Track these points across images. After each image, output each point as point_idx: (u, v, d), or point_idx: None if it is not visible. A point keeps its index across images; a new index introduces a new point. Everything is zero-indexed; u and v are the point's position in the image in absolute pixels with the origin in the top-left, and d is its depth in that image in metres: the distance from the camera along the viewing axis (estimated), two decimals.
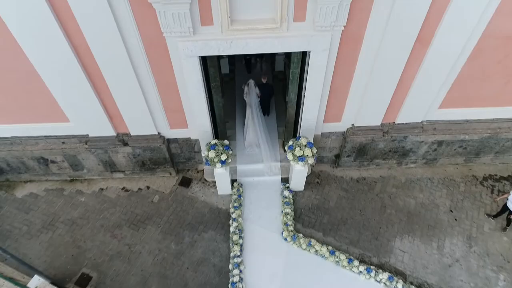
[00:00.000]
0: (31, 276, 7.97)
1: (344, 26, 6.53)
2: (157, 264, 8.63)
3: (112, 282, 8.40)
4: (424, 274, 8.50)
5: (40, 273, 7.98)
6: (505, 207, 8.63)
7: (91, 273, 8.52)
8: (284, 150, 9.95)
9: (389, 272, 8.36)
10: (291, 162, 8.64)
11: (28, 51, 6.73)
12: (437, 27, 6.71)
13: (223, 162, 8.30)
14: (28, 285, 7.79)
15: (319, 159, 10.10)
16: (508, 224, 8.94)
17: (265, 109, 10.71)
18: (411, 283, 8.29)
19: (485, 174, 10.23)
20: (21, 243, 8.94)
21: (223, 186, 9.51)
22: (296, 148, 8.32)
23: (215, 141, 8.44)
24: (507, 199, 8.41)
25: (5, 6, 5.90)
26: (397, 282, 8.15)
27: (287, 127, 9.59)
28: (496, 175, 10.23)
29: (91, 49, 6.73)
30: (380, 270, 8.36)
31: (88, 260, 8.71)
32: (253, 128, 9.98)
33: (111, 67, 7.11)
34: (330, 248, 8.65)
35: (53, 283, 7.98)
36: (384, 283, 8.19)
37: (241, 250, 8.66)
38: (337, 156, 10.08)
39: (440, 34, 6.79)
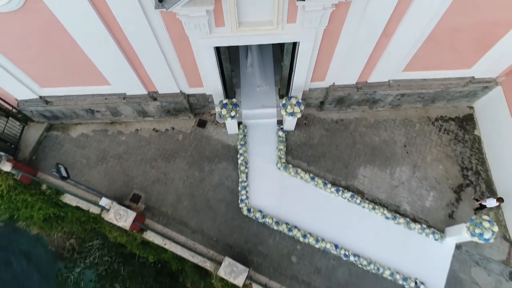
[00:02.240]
0: (98, 197, 11.37)
1: (326, 26, 8.53)
2: (186, 187, 11.98)
3: (156, 199, 11.86)
4: (377, 192, 11.93)
5: (105, 195, 11.33)
6: (482, 206, 11.03)
7: (140, 193, 11.92)
8: (280, 97, 12.52)
9: (352, 192, 11.76)
10: (284, 116, 11.26)
11: (83, 46, 8.86)
12: (398, 24, 8.71)
13: (232, 117, 10.94)
14: (99, 203, 11.21)
15: (307, 105, 12.65)
16: (478, 210, 11.35)
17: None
18: (367, 199, 11.76)
19: (437, 116, 12.95)
20: (84, 173, 12.12)
21: (232, 128, 12.30)
22: (288, 107, 10.88)
23: (226, 100, 10.93)
24: (486, 201, 10.74)
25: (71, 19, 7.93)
26: (356, 199, 11.60)
27: (282, 81, 11.92)
28: (446, 116, 12.96)
29: (130, 42, 8.83)
30: (346, 190, 11.74)
31: (136, 184, 12.03)
32: (253, 57, 12.31)
33: (145, 50, 9.25)
34: (311, 175, 11.89)
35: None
36: (348, 199, 11.64)
37: (246, 177, 11.90)
38: (322, 103, 12.62)
39: (401, 29, 8.81)
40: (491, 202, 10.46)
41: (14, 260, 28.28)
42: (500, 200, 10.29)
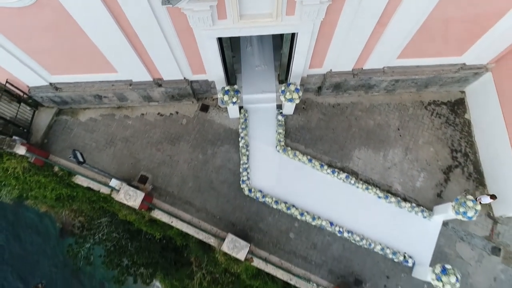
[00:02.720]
0: (108, 178, 12.08)
1: (323, 18, 8.98)
2: (191, 169, 12.69)
3: (162, 180, 12.58)
4: (371, 173, 12.65)
5: (115, 177, 12.04)
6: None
7: (147, 175, 12.63)
8: (279, 82, 13.05)
9: (347, 173, 12.48)
10: (283, 102, 11.82)
11: (92, 37, 9.33)
12: (393, 15, 9.15)
13: (234, 103, 11.51)
14: (110, 184, 11.93)
15: (305, 90, 13.17)
16: None
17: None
18: (361, 180, 12.49)
19: (430, 100, 13.51)
20: (94, 155, 12.78)
21: (233, 112, 12.87)
22: (287, 93, 11.43)
23: (228, 87, 11.46)
24: (481, 199, 11.16)
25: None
26: (351, 179, 12.33)
27: (281, 67, 12.40)
28: (438, 100, 13.52)
29: (137, 33, 9.30)
30: (341, 172, 12.45)
31: (143, 166, 12.73)
32: (252, 38, 12.88)
33: (151, 41, 9.71)
34: (309, 157, 12.57)
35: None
36: (343, 180, 12.37)
37: (247, 159, 12.58)
38: (319, 88, 13.14)
39: (395, 19, 9.26)
40: (485, 199, 11.07)
41: (24, 235, 29.48)
42: (493, 197, 10.87)
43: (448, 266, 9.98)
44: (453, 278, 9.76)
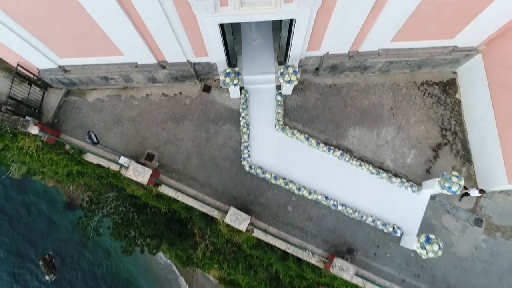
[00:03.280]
0: (117, 156, 12.84)
1: (320, 5, 9.46)
2: (195, 147, 13.42)
3: (168, 157, 13.35)
4: (364, 151, 13.41)
5: (123, 155, 12.79)
6: (467, 194, 12.31)
7: (154, 152, 13.38)
8: (278, 63, 13.56)
9: (342, 150, 13.23)
10: (282, 83, 12.39)
11: (100, 22, 9.84)
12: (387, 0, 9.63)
13: (235, 85, 12.09)
14: (119, 161, 12.70)
15: (303, 71, 13.72)
16: (463, 196, 12.74)
17: None
18: (355, 157, 13.27)
19: (423, 80, 14.08)
20: (103, 135, 13.46)
21: (234, 93, 13.47)
22: (286, 75, 12.00)
23: (229, 69, 12.01)
24: (469, 191, 12.01)
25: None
26: (345, 156, 13.10)
27: (280, 50, 12.89)
28: (431, 81, 14.09)
29: (143, 20, 9.80)
30: (336, 149, 13.20)
31: (149, 144, 13.45)
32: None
33: (156, 26, 10.22)
34: (306, 135, 13.28)
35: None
36: (338, 157, 13.13)
37: (248, 137, 13.29)
38: (317, 69, 13.67)
39: (389, 4, 9.74)
40: (474, 192, 11.80)
41: (31, 209, 30.55)
42: (482, 191, 11.61)
43: (431, 236, 10.92)
44: (435, 247, 10.72)
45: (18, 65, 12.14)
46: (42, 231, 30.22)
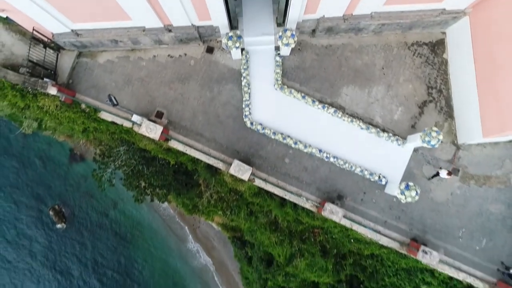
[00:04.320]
0: (129, 114, 14.03)
1: None
2: (200, 105, 14.59)
3: (175, 115, 14.57)
4: (356, 108, 14.62)
5: (135, 113, 13.96)
6: (437, 174, 13.39)
7: (163, 110, 14.57)
8: (277, 25, 14.34)
9: (335, 108, 14.43)
10: (280, 45, 13.28)
11: None
12: None
13: (237, 47, 13.00)
14: (131, 119, 13.92)
15: (300, 32, 14.51)
16: (433, 177, 13.80)
17: None
18: (347, 114, 14.49)
19: (413, 41, 14.92)
20: (115, 94, 14.48)
21: (236, 54, 14.37)
22: (284, 38, 12.86)
23: (231, 33, 12.85)
24: (440, 172, 13.08)
25: None
26: (338, 113, 14.32)
27: (279, 12, 13.63)
28: (420, 41, 14.94)
29: None
30: (330, 107, 14.39)
31: (158, 103, 14.60)
32: None
33: None
34: (302, 94, 14.41)
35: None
36: (331, 114, 14.35)
37: (249, 96, 14.42)
38: (313, 31, 14.46)
39: None
40: (443, 173, 12.95)
41: (37, 161, 32.06)
42: (449, 173, 12.79)
43: (410, 183, 12.48)
44: (413, 192, 12.33)
45: (33, 29, 12.95)
46: (50, 183, 31.96)
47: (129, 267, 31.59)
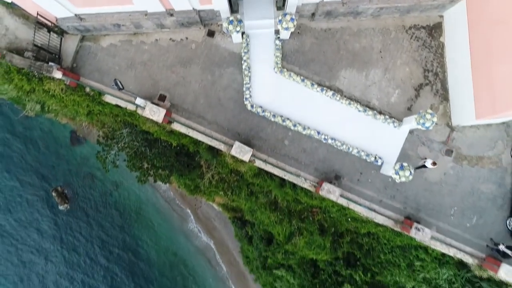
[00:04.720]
0: (133, 97, 14.41)
1: None
2: (201, 88, 14.95)
3: (178, 98, 14.94)
4: (354, 91, 14.98)
5: (139, 96, 14.34)
6: (423, 166, 13.57)
7: (165, 93, 14.94)
8: (277, 9, 14.55)
9: (334, 91, 14.79)
10: (280, 30, 13.53)
11: None
12: None
13: (237, 31, 13.26)
14: (135, 102, 14.30)
15: (300, 16, 14.72)
16: (419, 167, 13.85)
17: None
18: (345, 96, 14.86)
19: (411, 24, 15.14)
20: (118, 78, 14.86)
21: (237, 38, 14.63)
22: (283, 22, 13.12)
23: (232, 17, 13.09)
24: (425, 162, 13.34)
25: None
26: (336, 96, 14.70)
27: None
28: (418, 24, 15.16)
29: None
30: (329, 89, 14.75)
31: (161, 86, 14.96)
32: None
33: None
34: (302, 77, 14.74)
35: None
36: (330, 96, 14.73)
37: (249, 79, 14.75)
38: (313, 14, 14.67)
39: None
40: (428, 163, 13.21)
41: (40, 143, 32.50)
42: (434, 163, 13.05)
43: (405, 164, 12.99)
44: (407, 172, 12.85)
45: (37, 14, 13.18)
46: (53, 165, 32.51)
47: (134, 245, 32.57)
